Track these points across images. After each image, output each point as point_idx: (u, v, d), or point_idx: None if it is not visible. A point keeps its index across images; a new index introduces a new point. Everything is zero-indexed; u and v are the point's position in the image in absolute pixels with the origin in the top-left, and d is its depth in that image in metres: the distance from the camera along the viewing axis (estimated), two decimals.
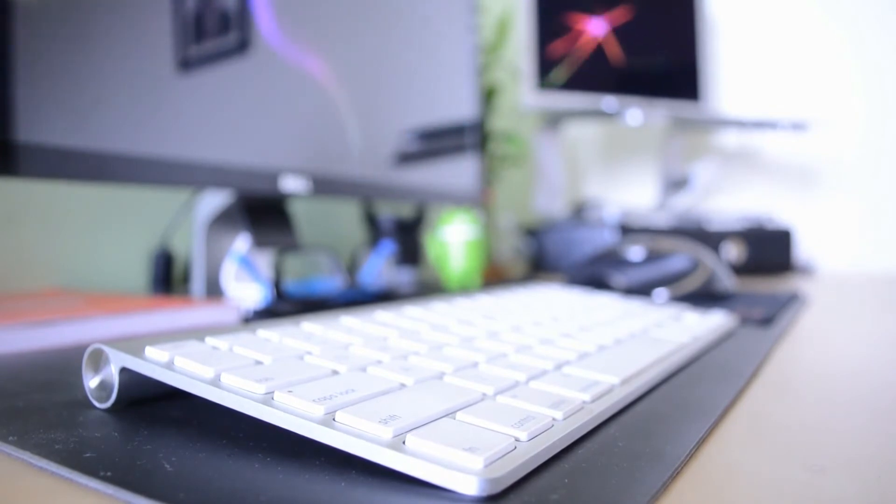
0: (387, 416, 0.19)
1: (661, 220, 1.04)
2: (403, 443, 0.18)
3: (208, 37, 0.50)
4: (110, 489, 0.17)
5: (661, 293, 0.60)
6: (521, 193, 1.37)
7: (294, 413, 0.19)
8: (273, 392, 0.21)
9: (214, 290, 0.58)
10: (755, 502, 0.17)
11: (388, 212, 0.87)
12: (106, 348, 0.24)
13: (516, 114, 1.22)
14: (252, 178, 0.53)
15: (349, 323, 0.33)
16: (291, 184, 0.56)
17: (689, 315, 0.47)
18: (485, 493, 0.16)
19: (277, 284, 0.54)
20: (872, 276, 1.10)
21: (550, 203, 1.19)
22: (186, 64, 0.48)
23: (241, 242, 0.57)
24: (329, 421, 0.19)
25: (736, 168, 1.39)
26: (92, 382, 0.24)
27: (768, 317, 0.50)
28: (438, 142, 0.77)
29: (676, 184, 1.26)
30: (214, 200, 0.57)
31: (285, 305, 0.53)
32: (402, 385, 0.24)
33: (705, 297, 0.63)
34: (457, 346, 0.30)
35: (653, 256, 0.66)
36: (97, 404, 0.24)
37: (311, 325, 0.31)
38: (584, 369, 0.28)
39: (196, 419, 0.23)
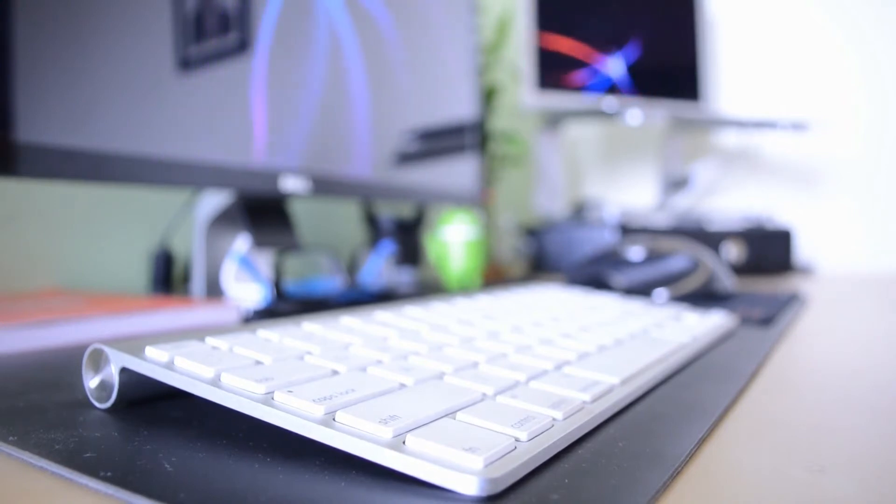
0: (387, 416, 0.19)
1: (661, 220, 1.04)
2: (403, 443, 0.18)
3: (208, 37, 0.49)
4: (110, 489, 0.17)
5: (661, 293, 0.60)
6: (521, 193, 1.37)
7: (294, 413, 0.19)
8: (273, 392, 0.21)
9: (214, 290, 0.58)
10: (755, 502, 0.17)
11: (388, 212, 0.87)
12: (106, 348, 0.24)
13: (516, 114, 1.22)
14: (252, 178, 0.53)
15: (349, 323, 0.33)
16: (291, 184, 0.56)
17: (689, 315, 0.47)
18: (485, 493, 0.16)
19: (277, 284, 0.54)
20: (872, 276, 1.10)
21: (550, 203, 1.19)
22: (186, 64, 0.48)
23: (241, 242, 0.57)
24: (329, 421, 0.19)
25: (736, 168, 1.39)
26: (92, 382, 0.24)
27: (768, 317, 0.50)
28: (438, 142, 0.77)
29: (676, 184, 1.26)
30: (214, 200, 0.57)
31: (285, 305, 0.53)
32: (402, 385, 0.24)
33: (705, 297, 0.63)
34: (457, 346, 0.30)
35: (653, 256, 0.66)
36: (97, 404, 0.24)
37: (311, 325, 0.31)
38: (584, 369, 0.28)
39: (196, 419, 0.23)
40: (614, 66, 1.17)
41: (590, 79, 1.15)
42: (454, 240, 0.78)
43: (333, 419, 0.19)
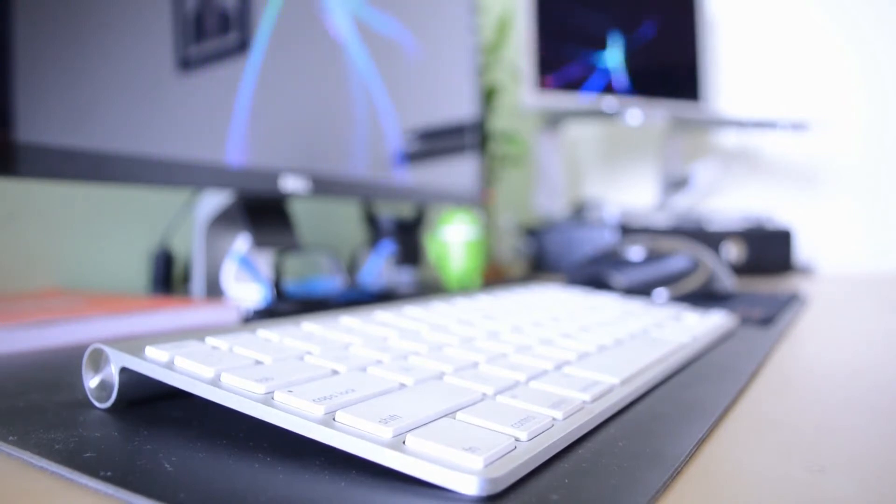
0: (387, 416, 0.19)
1: (661, 220, 1.04)
2: (403, 443, 0.18)
3: (208, 37, 0.49)
4: (110, 489, 0.17)
5: (661, 293, 0.60)
6: (521, 193, 1.37)
7: (294, 413, 0.19)
8: (273, 392, 0.21)
9: (214, 290, 0.58)
10: (755, 502, 0.17)
11: (388, 212, 0.87)
12: (106, 348, 0.24)
13: (516, 114, 1.22)
14: (252, 178, 0.53)
15: (349, 323, 0.33)
16: (291, 184, 0.56)
17: (689, 315, 0.47)
18: (485, 493, 0.16)
19: (277, 284, 0.54)
20: (873, 276, 1.10)
21: (550, 203, 1.19)
22: (186, 64, 0.48)
23: (241, 242, 0.57)
24: (329, 421, 0.19)
25: (736, 168, 1.39)
26: (92, 382, 0.24)
27: (768, 317, 0.50)
28: (438, 142, 0.77)
29: (676, 184, 1.26)
30: (214, 200, 0.57)
31: (285, 305, 0.53)
32: (402, 385, 0.24)
33: (705, 297, 0.63)
34: (457, 346, 0.30)
35: (653, 256, 0.66)
36: (97, 404, 0.24)
37: (311, 325, 0.31)
38: (584, 369, 0.28)
39: (196, 419, 0.23)
40: (614, 65, 1.17)
41: (590, 79, 1.15)
42: (454, 240, 0.78)
43: (333, 419, 0.19)
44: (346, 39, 0.62)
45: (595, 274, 0.65)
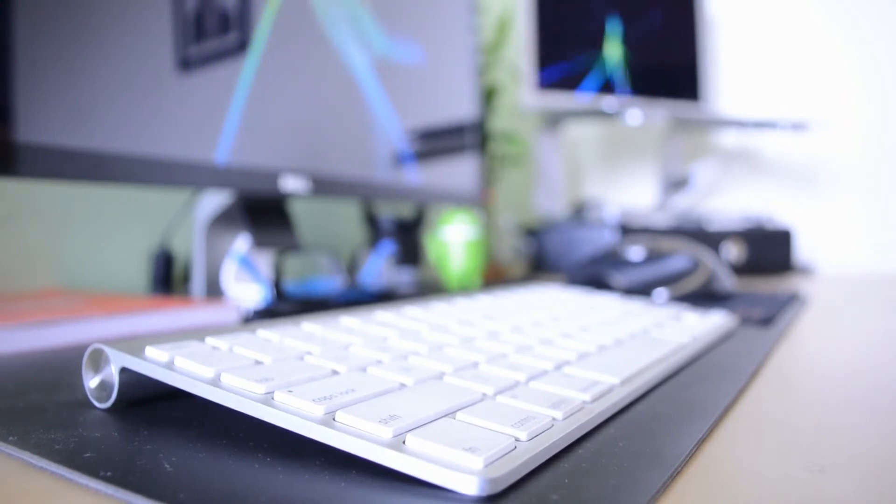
0: (387, 416, 0.19)
1: (661, 220, 1.04)
2: (403, 443, 0.18)
3: (208, 37, 0.49)
4: (110, 489, 0.17)
5: (661, 293, 0.60)
6: (521, 193, 1.37)
7: (294, 413, 0.19)
8: (273, 392, 0.21)
9: (214, 290, 0.58)
10: (755, 502, 0.17)
11: (388, 212, 0.87)
12: (106, 348, 0.24)
13: (516, 114, 1.22)
14: (252, 178, 0.53)
15: (349, 323, 0.33)
16: (291, 184, 0.56)
17: (689, 315, 0.47)
18: (485, 493, 0.16)
19: (277, 284, 0.54)
20: (872, 277, 1.10)
21: (550, 203, 1.19)
22: (186, 64, 0.48)
23: (241, 242, 0.57)
24: (329, 421, 0.19)
25: (736, 168, 1.39)
26: (92, 382, 0.24)
27: (768, 317, 0.50)
28: (438, 142, 0.77)
29: (676, 184, 1.26)
30: (214, 200, 0.57)
31: (285, 305, 0.53)
32: (402, 385, 0.24)
33: (705, 297, 0.63)
34: (457, 346, 0.30)
35: (653, 256, 0.66)
36: (97, 404, 0.24)
37: (311, 326, 0.31)
38: (584, 369, 0.28)
39: (196, 419, 0.23)
40: (614, 65, 1.17)
41: (590, 79, 1.15)
42: (454, 240, 0.78)
43: (333, 419, 0.19)
44: (346, 40, 0.62)
45: (595, 274, 0.65)
